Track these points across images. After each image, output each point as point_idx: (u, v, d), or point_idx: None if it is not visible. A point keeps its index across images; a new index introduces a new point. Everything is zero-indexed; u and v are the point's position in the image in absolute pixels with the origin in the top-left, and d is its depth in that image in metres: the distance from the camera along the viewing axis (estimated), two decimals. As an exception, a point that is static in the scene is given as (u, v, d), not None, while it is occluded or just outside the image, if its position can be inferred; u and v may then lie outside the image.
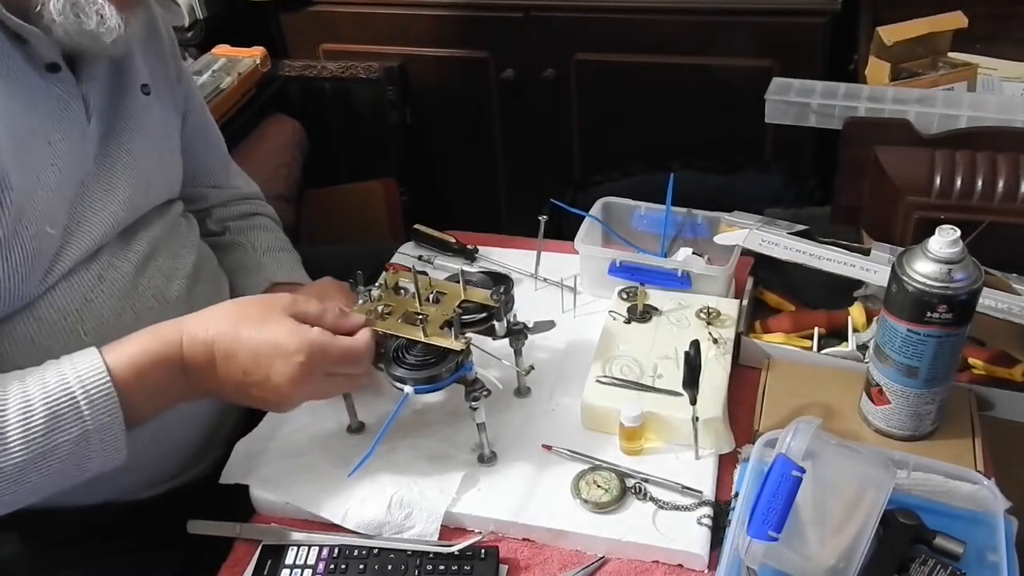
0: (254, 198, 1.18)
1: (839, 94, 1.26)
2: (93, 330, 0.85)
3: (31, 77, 0.80)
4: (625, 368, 0.94)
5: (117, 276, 0.88)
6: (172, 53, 1.02)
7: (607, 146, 1.92)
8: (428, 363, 0.83)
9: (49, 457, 0.72)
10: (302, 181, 1.88)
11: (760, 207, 1.34)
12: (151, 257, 0.93)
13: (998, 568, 0.74)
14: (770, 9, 1.68)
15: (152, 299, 0.91)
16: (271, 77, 1.87)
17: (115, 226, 0.88)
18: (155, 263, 0.93)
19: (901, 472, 0.81)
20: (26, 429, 0.71)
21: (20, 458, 0.71)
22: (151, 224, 0.95)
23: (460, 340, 0.82)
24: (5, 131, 0.76)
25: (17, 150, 0.77)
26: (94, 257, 0.87)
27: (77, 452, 0.73)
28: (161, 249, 0.95)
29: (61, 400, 0.72)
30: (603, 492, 0.83)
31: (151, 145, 0.95)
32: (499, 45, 1.85)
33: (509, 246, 1.21)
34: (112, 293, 0.87)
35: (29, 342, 0.81)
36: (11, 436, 0.70)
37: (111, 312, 0.87)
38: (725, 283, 1.04)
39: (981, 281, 0.78)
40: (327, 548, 0.82)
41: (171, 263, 0.95)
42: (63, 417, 0.72)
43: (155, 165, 0.95)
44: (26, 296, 0.80)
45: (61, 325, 0.83)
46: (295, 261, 1.11)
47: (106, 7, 0.78)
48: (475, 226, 1.25)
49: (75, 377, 0.73)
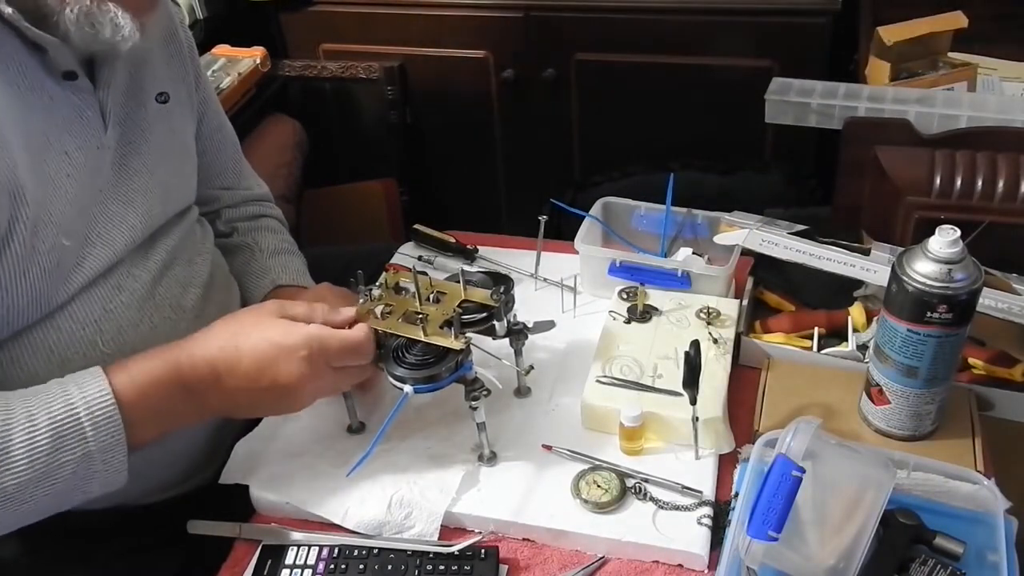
0: (263, 199, 1.18)
1: (839, 94, 1.26)
2: (111, 340, 0.85)
3: (47, 85, 0.79)
4: (625, 368, 0.94)
5: (136, 286, 0.88)
6: (190, 56, 1.02)
7: (607, 146, 1.92)
8: (428, 363, 0.83)
9: (52, 476, 0.72)
10: (302, 181, 1.88)
11: (760, 207, 1.34)
12: (168, 266, 0.93)
13: (998, 568, 0.74)
14: (770, 9, 1.68)
15: (169, 309, 0.91)
16: (271, 77, 1.87)
17: (134, 240, 0.88)
18: (172, 272, 0.93)
19: (901, 472, 0.81)
20: (30, 448, 0.71)
21: (24, 476, 0.71)
22: (169, 232, 0.95)
23: (460, 340, 0.83)
24: (22, 143, 0.75)
25: (33, 162, 0.77)
26: (113, 267, 0.86)
27: (80, 472, 0.73)
28: (178, 257, 0.95)
29: (66, 420, 0.72)
30: (603, 492, 0.83)
31: (169, 155, 0.94)
32: (499, 45, 1.85)
33: (509, 246, 1.20)
34: (130, 303, 0.87)
35: (47, 351, 0.82)
36: (15, 454, 0.71)
37: (128, 322, 0.87)
38: (725, 283, 1.04)
39: (981, 281, 0.78)
40: (327, 548, 0.82)
41: (187, 271, 0.95)
42: (67, 437, 0.72)
43: (173, 175, 0.95)
44: (45, 308, 0.80)
45: (79, 335, 0.83)
46: (299, 264, 1.11)
47: (119, 15, 0.77)
48: (475, 226, 1.25)
49: (81, 398, 0.73)
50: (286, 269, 1.08)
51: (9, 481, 0.70)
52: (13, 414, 0.72)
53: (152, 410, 0.77)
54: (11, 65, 0.76)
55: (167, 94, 0.94)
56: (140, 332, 0.87)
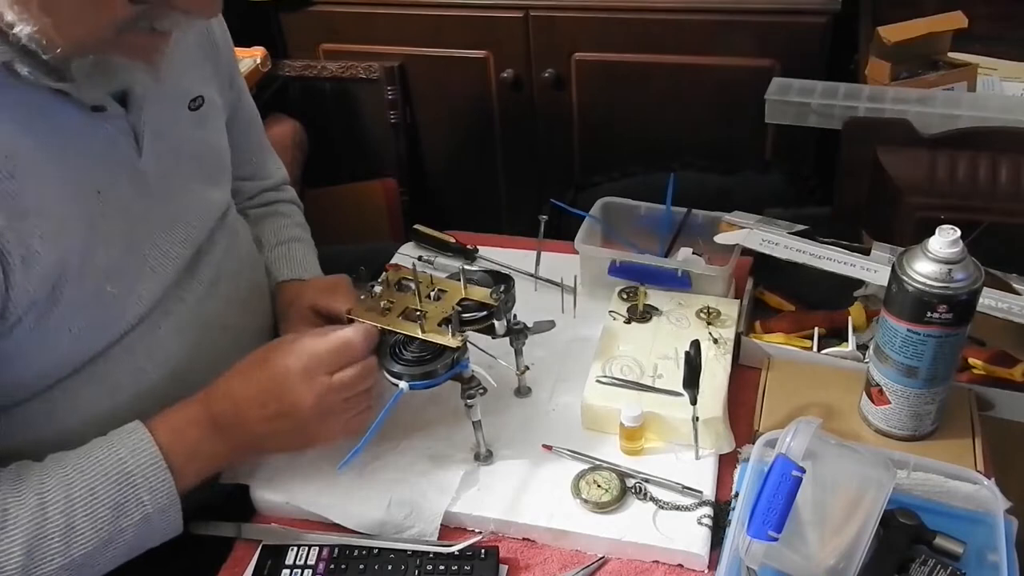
0: (279, 186, 1.17)
1: (839, 94, 1.26)
2: (160, 365, 0.86)
3: (75, 120, 0.76)
4: (625, 368, 0.94)
5: (183, 309, 0.88)
6: (228, 60, 0.99)
7: (607, 146, 1.92)
8: (424, 359, 0.83)
9: (116, 541, 0.76)
10: (302, 181, 1.88)
11: (760, 207, 1.34)
12: (215, 283, 0.92)
13: (998, 568, 0.74)
14: (770, 9, 1.68)
15: (217, 330, 0.91)
16: (271, 77, 1.87)
17: (182, 264, 0.88)
18: (217, 289, 0.93)
19: (901, 472, 0.81)
20: (93, 521, 0.74)
21: (90, 546, 0.74)
22: (214, 244, 0.94)
23: (456, 338, 0.83)
24: (62, 192, 0.73)
25: (78, 212, 0.75)
26: (163, 295, 0.86)
27: (141, 534, 0.77)
28: (223, 271, 0.94)
29: (125, 490, 0.75)
30: (603, 492, 0.83)
31: (205, 165, 0.93)
32: (499, 45, 1.85)
33: (509, 246, 1.20)
34: (179, 327, 0.88)
35: (98, 380, 0.82)
36: (80, 527, 0.74)
37: (177, 346, 0.87)
38: (725, 283, 1.04)
39: (981, 281, 0.78)
40: (327, 548, 0.82)
41: (232, 287, 0.95)
42: (127, 505, 0.75)
43: (210, 183, 0.94)
44: (94, 350, 0.81)
45: (128, 362, 0.84)
46: (304, 252, 1.10)
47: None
48: (475, 226, 1.25)
49: (135, 465, 0.76)
50: (288, 262, 1.06)
51: (77, 552, 0.73)
52: (73, 489, 0.74)
53: (190, 454, 0.79)
54: (43, 117, 0.73)
55: (201, 98, 0.91)
56: (187, 355, 0.88)
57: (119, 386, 0.83)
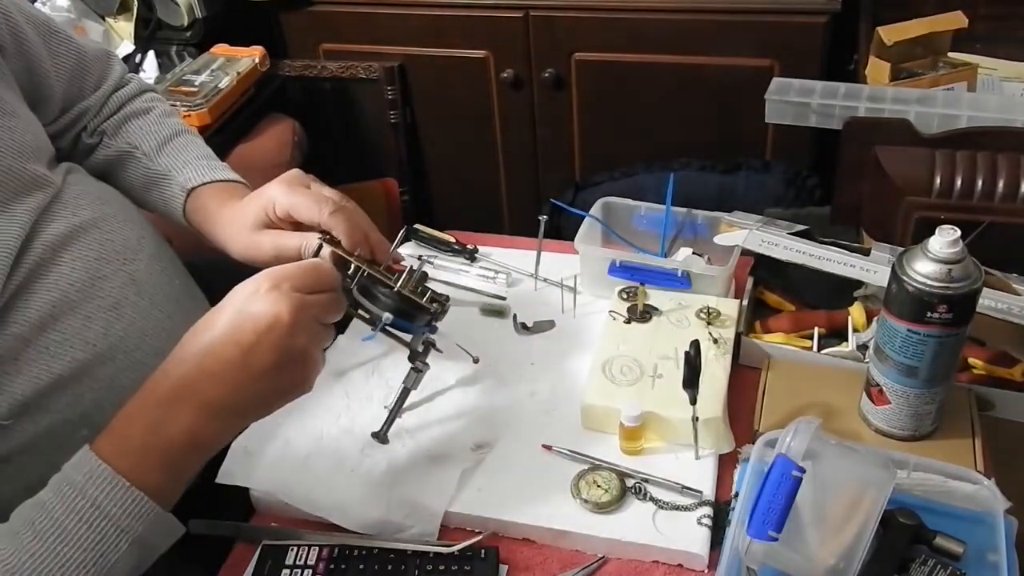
0: (122, 83, 0.99)
1: (839, 94, 1.26)
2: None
3: None
4: (625, 368, 0.94)
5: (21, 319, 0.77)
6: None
7: (607, 146, 1.92)
8: (401, 309, 0.81)
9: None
10: (302, 181, 1.88)
11: (760, 207, 1.34)
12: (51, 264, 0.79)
13: (998, 568, 0.74)
14: (770, 9, 1.68)
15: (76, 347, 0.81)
16: (270, 77, 1.87)
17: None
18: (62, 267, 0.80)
19: (901, 472, 0.81)
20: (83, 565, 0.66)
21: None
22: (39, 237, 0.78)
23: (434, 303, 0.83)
24: None
25: None
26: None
27: (141, 555, 0.70)
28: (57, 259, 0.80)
29: (107, 531, 0.67)
30: (603, 492, 0.83)
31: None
32: (499, 45, 1.85)
33: (509, 246, 1.20)
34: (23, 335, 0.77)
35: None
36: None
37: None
38: (725, 283, 1.04)
39: (981, 281, 0.78)
40: (327, 548, 0.82)
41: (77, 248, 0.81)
42: (108, 539, 0.67)
43: (8, 156, 0.77)
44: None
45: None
46: (196, 147, 0.94)
47: None
48: (475, 226, 1.25)
49: (106, 499, 0.67)
50: (186, 164, 0.90)
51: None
52: (57, 545, 0.65)
53: (143, 450, 0.68)
54: None
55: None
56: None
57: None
